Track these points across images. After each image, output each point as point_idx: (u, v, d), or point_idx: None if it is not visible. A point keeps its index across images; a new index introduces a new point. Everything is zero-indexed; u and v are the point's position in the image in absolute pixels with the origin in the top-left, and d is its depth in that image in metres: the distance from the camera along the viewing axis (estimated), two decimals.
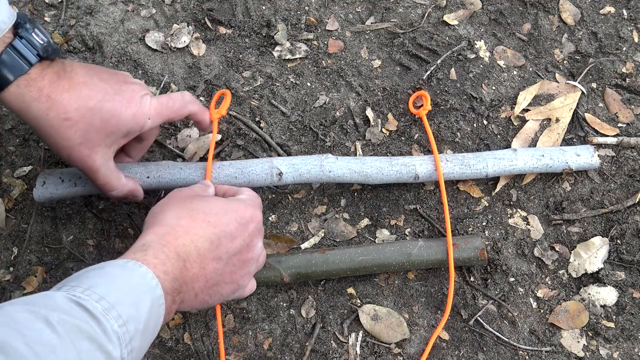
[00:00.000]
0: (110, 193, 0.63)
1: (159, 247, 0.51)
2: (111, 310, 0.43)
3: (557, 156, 0.75)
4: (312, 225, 0.75)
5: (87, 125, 0.57)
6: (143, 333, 0.46)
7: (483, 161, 0.74)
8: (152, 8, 0.84)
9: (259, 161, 0.71)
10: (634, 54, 0.87)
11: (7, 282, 0.70)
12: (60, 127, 0.56)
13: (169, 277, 0.49)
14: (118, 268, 0.47)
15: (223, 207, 0.58)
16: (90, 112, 0.56)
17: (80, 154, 0.58)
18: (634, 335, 0.72)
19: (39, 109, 0.55)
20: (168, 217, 0.55)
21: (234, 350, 0.69)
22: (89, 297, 0.43)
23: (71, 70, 0.58)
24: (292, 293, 0.72)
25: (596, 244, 0.76)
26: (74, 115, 0.56)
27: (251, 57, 0.83)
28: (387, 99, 0.82)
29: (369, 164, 0.72)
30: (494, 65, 0.85)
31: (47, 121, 0.55)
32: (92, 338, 0.41)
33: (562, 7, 0.89)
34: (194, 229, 0.54)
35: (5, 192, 0.73)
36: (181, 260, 0.51)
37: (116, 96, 0.58)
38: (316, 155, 0.72)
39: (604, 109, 0.84)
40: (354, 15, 0.87)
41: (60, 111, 0.55)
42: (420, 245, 0.71)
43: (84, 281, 0.45)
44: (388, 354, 0.70)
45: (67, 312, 0.41)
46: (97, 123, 0.57)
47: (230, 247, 0.56)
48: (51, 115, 0.55)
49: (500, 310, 0.73)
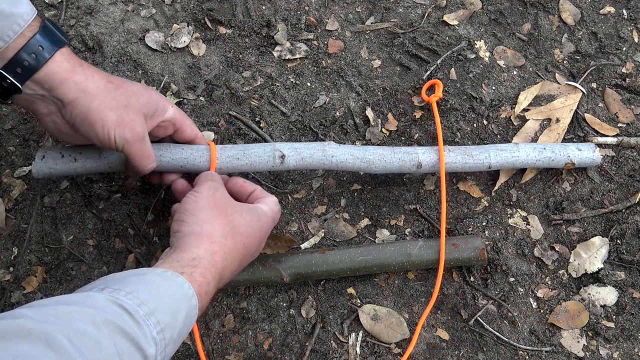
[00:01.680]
0: (149, 166, 0.63)
1: (208, 267, 0.54)
2: (151, 316, 0.45)
3: (558, 150, 0.75)
4: (312, 225, 0.75)
5: (128, 91, 0.60)
6: (176, 341, 0.48)
7: (485, 152, 0.73)
8: (152, 8, 0.84)
9: (262, 144, 0.70)
10: (634, 54, 0.87)
11: (7, 282, 0.70)
12: (106, 87, 0.58)
13: (208, 297, 0.53)
14: (158, 276, 0.49)
15: (254, 226, 0.61)
16: (127, 82, 0.61)
17: (129, 116, 0.59)
18: (634, 335, 0.72)
19: (84, 72, 0.58)
20: (216, 233, 0.57)
21: (234, 350, 0.69)
22: (131, 301, 0.44)
23: None
24: (292, 293, 0.72)
25: (596, 244, 0.76)
26: (115, 81, 0.60)
27: (251, 57, 0.83)
28: (387, 99, 0.82)
29: (372, 151, 0.71)
30: (494, 65, 0.85)
31: (94, 82, 0.58)
32: (133, 340, 0.42)
33: (562, 7, 0.89)
34: (234, 252, 0.58)
35: (5, 192, 0.73)
36: (218, 280, 0.55)
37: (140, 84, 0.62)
38: (319, 142, 0.72)
39: (604, 109, 0.84)
40: (354, 15, 0.87)
41: (102, 75, 0.59)
42: (420, 245, 0.71)
43: (126, 285, 0.46)
44: (388, 354, 0.70)
45: (110, 312, 0.42)
46: (136, 90, 0.60)
47: (249, 259, 0.63)
48: (97, 77, 0.58)
49: (500, 310, 0.73)
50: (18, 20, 0.54)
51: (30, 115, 0.77)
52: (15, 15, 0.54)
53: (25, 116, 0.77)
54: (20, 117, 0.77)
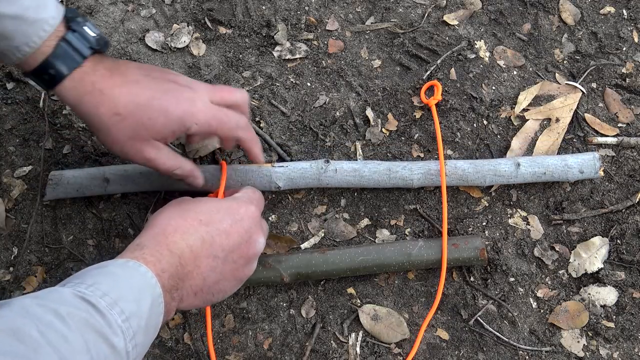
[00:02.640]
0: (174, 172, 0.63)
1: (152, 246, 0.52)
2: (114, 306, 0.44)
3: (559, 174, 0.75)
4: (312, 225, 0.75)
5: (136, 121, 0.57)
6: (145, 330, 0.47)
7: (482, 177, 0.74)
8: (152, 8, 0.84)
9: (263, 172, 0.71)
10: (634, 54, 0.87)
11: (7, 282, 0.70)
12: (110, 121, 0.56)
13: (165, 275, 0.50)
14: (119, 267, 0.48)
15: (215, 206, 0.58)
16: (139, 108, 0.57)
17: (133, 148, 0.58)
18: (634, 335, 0.72)
19: (91, 103, 0.56)
20: (160, 219, 0.56)
21: (234, 350, 0.69)
22: (93, 293, 0.44)
23: (125, 67, 0.59)
24: (292, 293, 0.72)
25: (596, 244, 0.76)
26: (124, 111, 0.56)
27: (251, 57, 0.83)
28: (387, 99, 0.82)
29: (367, 177, 0.72)
30: (494, 65, 0.85)
31: (98, 117, 0.56)
32: (99, 331, 0.42)
33: (562, 7, 0.89)
34: (184, 227, 0.55)
35: (5, 192, 0.73)
36: (175, 257, 0.52)
37: (165, 95, 0.58)
38: (315, 165, 0.72)
39: (604, 109, 0.84)
40: (354, 15, 0.87)
41: (110, 106, 0.56)
42: (420, 245, 0.71)
43: (87, 279, 0.46)
44: (388, 354, 0.70)
45: (74, 305, 0.42)
46: (145, 120, 0.57)
47: (226, 244, 0.56)
48: (102, 111, 0.56)
49: (500, 310, 0.73)
50: (44, 26, 0.54)
51: (30, 115, 0.77)
52: (41, 21, 0.53)
53: (25, 116, 0.77)
54: (21, 117, 0.77)
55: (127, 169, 0.71)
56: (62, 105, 0.77)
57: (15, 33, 0.52)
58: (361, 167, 0.73)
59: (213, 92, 0.63)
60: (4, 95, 0.77)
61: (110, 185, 0.71)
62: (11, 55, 0.54)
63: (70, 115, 0.77)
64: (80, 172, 0.71)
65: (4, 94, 0.77)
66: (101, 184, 0.70)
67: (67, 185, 0.70)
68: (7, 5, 0.51)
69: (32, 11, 0.53)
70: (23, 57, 0.54)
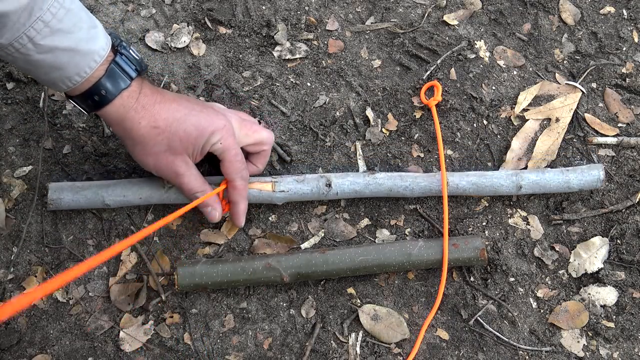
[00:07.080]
0: (196, 194, 0.66)
1: None
2: None
3: (560, 190, 0.75)
4: (312, 225, 0.75)
5: (172, 134, 0.62)
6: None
7: (481, 192, 0.75)
8: (152, 8, 0.84)
9: (258, 198, 0.72)
10: (634, 54, 0.87)
11: (7, 282, 0.70)
12: (149, 134, 0.61)
13: None
14: None
15: None
16: (176, 122, 0.62)
17: (166, 160, 0.63)
18: (634, 335, 0.72)
19: (134, 118, 0.60)
20: None
21: (234, 350, 0.69)
22: None
23: (163, 89, 0.66)
24: (292, 293, 0.72)
25: (596, 244, 0.76)
26: (162, 124, 0.61)
27: (251, 57, 0.83)
28: (387, 99, 0.82)
29: (369, 196, 0.75)
30: (494, 65, 0.85)
31: (138, 130, 0.61)
32: None
33: (562, 7, 0.89)
34: None
35: (5, 192, 0.73)
36: None
37: (200, 114, 0.63)
38: (317, 190, 0.72)
39: (604, 109, 0.84)
40: (354, 15, 0.87)
41: (150, 120, 0.61)
42: (420, 246, 0.71)
43: None
44: (388, 354, 0.70)
45: None
46: (181, 133, 0.62)
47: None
48: (142, 124, 0.61)
49: (500, 310, 0.73)
50: (95, 57, 0.57)
51: (30, 115, 0.77)
52: (93, 53, 0.57)
53: (25, 116, 0.77)
54: (20, 117, 0.77)
55: (126, 194, 0.70)
56: (62, 105, 0.77)
57: (68, 65, 0.56)
58: (363, 189, 0.73)
59: (241, 124, 0.67)
60: (4, 95, 0.77)
61: None
62: (61, 84, 0.57)
63: (70, 115, 0.77)
64: (78, 196, 0.69)
65: (4, 94, 0.77)
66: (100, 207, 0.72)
67: (65, 205, 0.70)
68: (62, 39, 0.54)
69: (85, 43, 0.56)
70: (73, 86, 0.58)
